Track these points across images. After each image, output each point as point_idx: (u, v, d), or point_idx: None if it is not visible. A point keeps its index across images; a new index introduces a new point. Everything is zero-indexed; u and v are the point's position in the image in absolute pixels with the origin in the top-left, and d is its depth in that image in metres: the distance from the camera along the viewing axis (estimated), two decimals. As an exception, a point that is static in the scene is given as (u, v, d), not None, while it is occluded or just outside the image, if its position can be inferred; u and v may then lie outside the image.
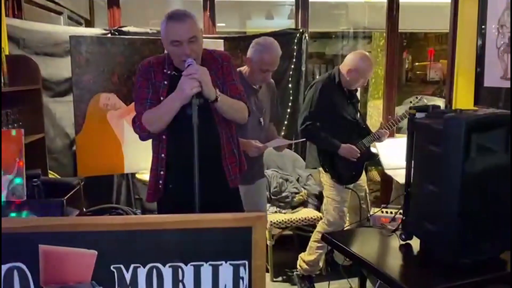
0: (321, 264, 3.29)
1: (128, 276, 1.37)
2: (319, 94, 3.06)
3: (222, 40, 3.69)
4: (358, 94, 3.48)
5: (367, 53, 3.19)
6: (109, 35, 3.73)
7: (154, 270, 1.38)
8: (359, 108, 3.32)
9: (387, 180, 4.19)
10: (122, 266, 1.36)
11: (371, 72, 3.18)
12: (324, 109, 3.06)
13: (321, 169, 3.20)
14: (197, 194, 1.72)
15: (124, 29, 3.82)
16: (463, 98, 2.95)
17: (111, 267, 1.36)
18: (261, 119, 2.66)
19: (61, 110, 3.63)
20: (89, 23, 4.86)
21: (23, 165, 2.30)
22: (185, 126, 1.79)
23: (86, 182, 3.13)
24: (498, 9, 2.59)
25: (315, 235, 3.27)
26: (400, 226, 1.98)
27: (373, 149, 3.48)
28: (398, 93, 4.47)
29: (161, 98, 1.98)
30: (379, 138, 3.20)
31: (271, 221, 3.40)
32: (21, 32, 3.27)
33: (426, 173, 1.79)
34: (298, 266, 3.34)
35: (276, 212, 3.60)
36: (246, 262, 1.41)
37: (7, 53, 2.92)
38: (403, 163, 1.93)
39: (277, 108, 2.92)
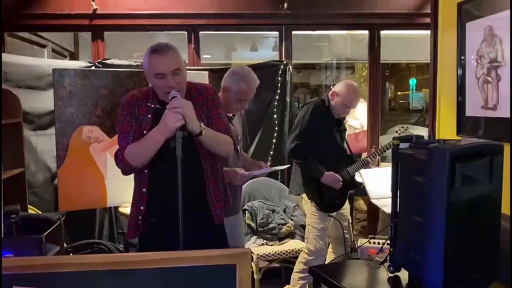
0: None
1: (107, 318, 1.31)
2: (310, 113, 3.08)
3: (207, 72, 3.71)
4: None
5: (354, 83, 3.24)
6: (93, 67, 3.72)
7: (135, 311, 1.32)
8: (345, 137, 3.34)
9: (374, 209, 4.17)
10: (100, 307, 1.30)
11: (356, 101, 3.20)
12: (313, 130, 3.08)
13: (304, 195, 3.18)
14: (181, 230, 1.67)
15: (108, 61, 3.81)
16: (446, 127, 2.98)
17: (89, 309, 1.30)
18: (238, 147, 2.63)
19: (43, 143, 3.58)
20: (74, 56, 4.87)
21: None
22: (168, 159, 1.76)
23: (68, 217, 3.05)
24: (476, 41, 2.65)
25: (297, 266, 3.23)
26: (388, 258, 1.95)
27: (358, 178, 3.48)
28: (382, 122, 4.52)
29: (144, 132, 1.95)
30: (366, 165, 3.20)
31: (258, 254, 3.34)
32: (4, 66, 3.26)
33: (412, 203, 1.78)
34: None
35: (263, 244, 3.53)
36: (231, 300, 1.36)
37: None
38: (389, 192, 1.92)
39: (246, 136, 2.91)
